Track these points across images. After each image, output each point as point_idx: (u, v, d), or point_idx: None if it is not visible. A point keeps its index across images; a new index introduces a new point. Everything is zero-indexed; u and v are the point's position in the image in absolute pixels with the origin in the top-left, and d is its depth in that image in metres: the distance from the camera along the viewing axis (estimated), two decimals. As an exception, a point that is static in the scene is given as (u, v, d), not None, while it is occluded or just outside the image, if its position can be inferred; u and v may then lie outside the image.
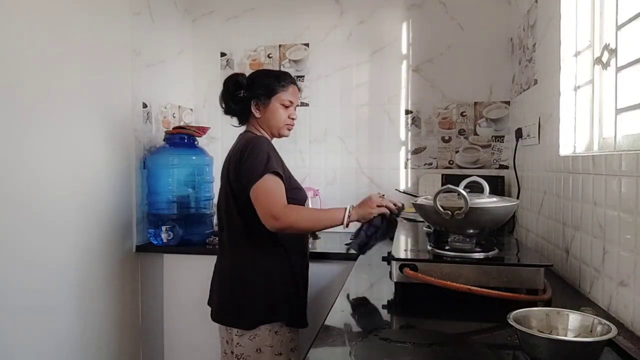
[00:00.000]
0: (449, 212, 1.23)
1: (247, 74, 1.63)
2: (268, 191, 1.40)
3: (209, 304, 1.62)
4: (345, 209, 1.43)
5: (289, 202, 1.44)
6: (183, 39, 2.60)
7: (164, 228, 2.13)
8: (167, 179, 2.21)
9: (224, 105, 1.62)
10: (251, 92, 1.57)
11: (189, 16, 2.65)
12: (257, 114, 1.58)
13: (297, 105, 1.64)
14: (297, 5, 2.58)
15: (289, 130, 1.62)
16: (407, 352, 0.95)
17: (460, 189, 1.23)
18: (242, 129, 1.65)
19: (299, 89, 1.66)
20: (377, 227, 1.44)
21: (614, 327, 0.80)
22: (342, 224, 1.42)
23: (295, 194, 1.54)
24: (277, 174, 1.42)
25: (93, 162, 1.91)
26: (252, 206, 1.42)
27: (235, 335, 1.47)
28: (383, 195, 1.49)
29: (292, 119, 1.61)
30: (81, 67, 1.84)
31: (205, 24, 2.67)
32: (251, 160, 1.43)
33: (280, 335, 1.49)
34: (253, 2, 2.62)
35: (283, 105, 1.57)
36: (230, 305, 1.50)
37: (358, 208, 1.45)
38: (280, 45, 2.60)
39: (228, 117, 1.68)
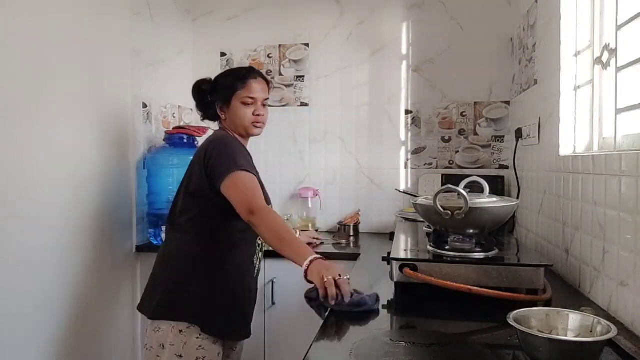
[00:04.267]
0: (449, 212, 1.23)
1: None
2: (247, 185, 1.37)
3: None
4: (312, 256, 1.24)
5: None
6: (183, 39, 2.60)
7: (164, 228, 2.12)
8: (167, 179, 2.20)
9: (199, 113, 1.64)
10: (214, 96, 1.56)
11: (189, 16, 2.65)
12: (223, 117, 1.57)
13: (266, 100, 1.57)
14: (297, 5, 2.58)
15: (258, 127, 1.56)
16: (407, 352, 0.95)
17: (460, 189, 1.23)
18: None
19: (268, 82, 1.60)
20: (313, 298, 1.22)
21: (614, 327, 0.80)
22: (300, 265, 1.24)
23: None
24: (249, 172, 1.40)
25: (93, 162, 1.91)
26: (212, 199, 1.41)
27: (146, 321, 1.47)
28: (348, 279, 1.20)
29: (258, 115, 1.54)
30: (81, 67, 1.84)
31: (205, 24, 2.67)
32: (221, 156, 1.41)
33: (184, 337, 1.38)
34: (253, 2, 2.62)
35: (244, 103, 1.52)
36: (147, 288, 1.51)
37: (317, 265, 1.21)
38: (280, 45, 2.60)
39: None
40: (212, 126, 1.73)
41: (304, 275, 1.22)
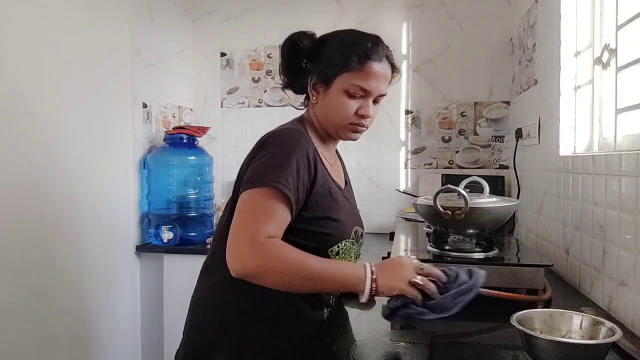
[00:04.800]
0: (449, 212, 1.22)
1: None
2: (253, 213, 0.92)
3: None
4: (366, 268, 0.94)
5: (300, 239, 0.97)
6: (183, 39, 2.60)
7: (164, 228, 2.13)
8: (167, 179, 2.21)
9: (281, 78, 1.15)
10: (314, 64, 1.08)
11: (189, 16, 2.65)
12: (314, 99, 1.09)
13: (382, 96, 1.08)
14: (297, 5, 2.57)
15: (357, 132, 1.09)
16: (407, 352, 0.95)
17: (460, 189, 1.23)
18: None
19: (394, 68, 1.09)
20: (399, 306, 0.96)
21: (618, 329, 0.80)
22: (359, 291, 0.94)
23: (325, 225, 1.02)
24: (282, 191, 0.92)
25: (93, 162, 1.91)
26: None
27: None
28: (422, 267, 0.97)
29: (363, 115, 1.06)
30: (81, 66, 1.84)
31: (205, 24, 2.67)
32: (263, 159, 0.97)
33: None
34: (253, 2, 2.62)
35: (350, 93, 1.04)
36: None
37: (384, 274, 0.95)
38: (280, 45, 2.59)
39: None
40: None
41: (374, 294, 0.93)
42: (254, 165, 0.97)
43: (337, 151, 1.26)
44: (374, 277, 0.93)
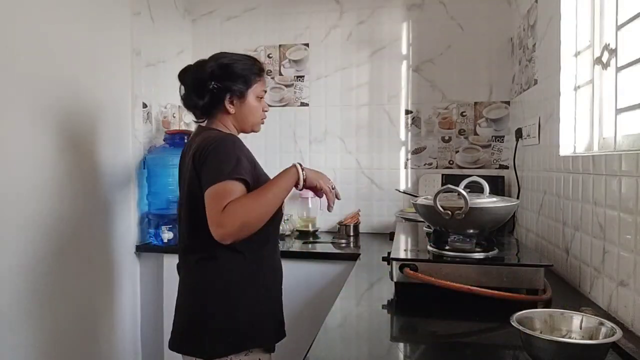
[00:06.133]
0: (449, 212, 1.23)
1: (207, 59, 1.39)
2: (221, 195, 1.16)
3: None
4: (295, 165, 1.29)
5: None
6: (183, 39, 2.60)
7: (164, 228, 2.13)
8: (167, 179, 2.21)
9: (184, 97, 1.39)
10: (224, 84, 1.34)
11: (189, 16, 2.65)
12: (232, 110, 1.36)
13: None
14: (297, 5, 2.58)
15: (262, 124, 1.46)
16: (406, 352, 0.95)
17: (460, 189, 1.23)
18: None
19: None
20: None
21: (618, 329, 0.80)
22: (297, 184, 1.27)
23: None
24: (242, 180, 1.20)
25: (93, 162, 1.91)
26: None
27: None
28: (334, 187, 1.35)
29: (266, 111, 1.45)
30: (81, 66, 1.84)
31: (205, 24, 2.67)
32: (215, 162, 1.21)
33: None
34: (253, 2, 2.62)
35: (259, 97, 1.40)
36: (188, 330, 1.31)
37: (310, 172, 1.30)
38: (280, 45, 2.60)
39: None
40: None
41: (304, 179, 1.28)
42: (210, 168, 1.21)
43: None
44: (303, 170, 1.28)
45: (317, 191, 1.33)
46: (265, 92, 1.44)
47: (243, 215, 1.15)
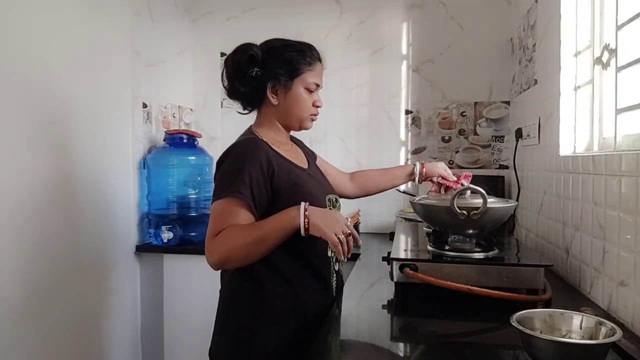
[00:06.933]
0: (465, 213, 1.22)
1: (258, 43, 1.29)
2: (218, 216, 1.11)
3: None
4: (301, 206, 1.08)
5: None
6: (183, 39, 2.60)
7: (164, 228, 2.13)
8: (167, 179, 2.21)
9: (227, 85, 1.27)
10: (268, 71, 1.22)
11: (189, 16, 2.65)
12: (274, 101, 1.23)
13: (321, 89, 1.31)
14: (297, 5, 2.57)
15: (313, 121, 1.30)
16: (406, 352, 0.95)
17: (480, 189, 1.23)
18: (249, 119, 1.34)
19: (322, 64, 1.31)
20: None
21: (618, 329, 0.80)
22: (296, 225, 1.07)
23: (300, 201, 1.11)
24: (241, 199, 1.10)
25: (93, 162, 1.91)
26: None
27: None
28: (349, 227, 1.09)
29: (318, 107, 1.28)
30: (81, 66, 1.84)
31: (205, 24, 2.67)
32: (222, 175, 1.15)
33: None
34: (253, 2, 2.62)
35: (308, 89, 1.24)
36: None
37: (317, 216, 1.07)
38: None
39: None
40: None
41: (306, 227, 1.06)
42: (217, 180, 1.15)
43: (292, 137, 1.39)
44: (306, 213, 1.07)
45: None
46: (319, 85, 1.27)
47: (228, 249, 1.08)
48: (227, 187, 1.10)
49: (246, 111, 1.31)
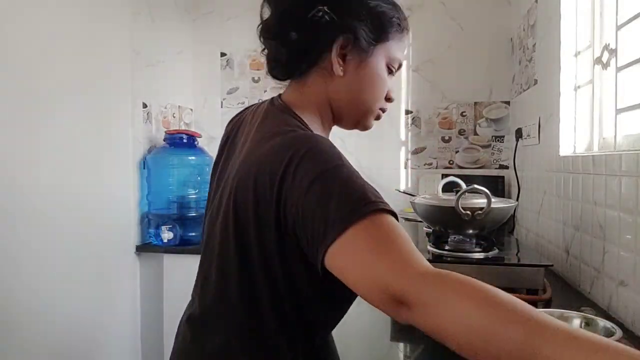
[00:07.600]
0: (469, 213, 1.22)
1: None
2: (384, 238, 0.60)
3: None
4: None
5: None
6: (183, 39, 2.60)
7: (164, 228, 2.13)
8: (167, 179, 2.21)
9: (272, 24, 0.88)
10: (342, 19, 0.75)
11: (189, 16, 2.65)
12: (339, 70, 0.76)
13: None
14: (297, 5, 2.57)
15: (377, 120, 0.90)
16: (406, 352, 0.95)
17: (484, 189, 1.22)
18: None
19: None
20: None
21: (618, 329, 0.80)
22: None
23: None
24: (392, 213, 0.64)
25: (92, 162, 1.91)
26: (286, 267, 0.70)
27: None
28: None
29: (389, 99, 0.87)
30: (81, 66, 1.84)
31: (205, 24, 2.67)
32: (327, 197, 0.64)
33: None
34: (253, 2, 2.60)
35: (390, 67, 0.81)
36: None
37: None
38: None
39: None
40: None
41: None
42: (322, 204, 0.63)
43: None
44: None
45: None
46: (401, 66, 0.84)
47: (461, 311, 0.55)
48: (368, 202, 0.64)
49: (282, 78, 0.85)
